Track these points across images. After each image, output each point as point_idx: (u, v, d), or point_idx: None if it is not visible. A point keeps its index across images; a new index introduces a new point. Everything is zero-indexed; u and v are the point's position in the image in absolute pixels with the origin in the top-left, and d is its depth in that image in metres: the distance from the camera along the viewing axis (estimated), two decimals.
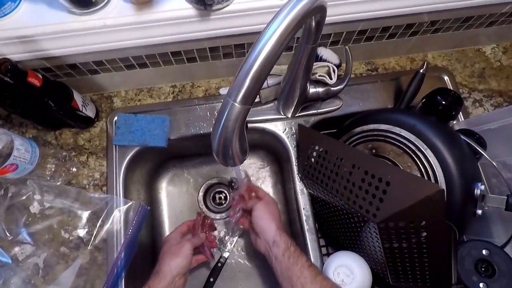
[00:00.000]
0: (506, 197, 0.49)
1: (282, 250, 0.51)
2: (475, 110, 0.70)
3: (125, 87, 0.70)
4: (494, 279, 0.49)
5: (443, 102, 0.60)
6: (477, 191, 0.51)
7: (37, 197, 0.57)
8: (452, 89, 0.69)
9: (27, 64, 0.53)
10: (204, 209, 0.81)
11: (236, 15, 0.51)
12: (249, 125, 0.68)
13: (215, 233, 0.71)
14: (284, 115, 0.67)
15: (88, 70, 0.61)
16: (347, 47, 0.55)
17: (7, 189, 0.56)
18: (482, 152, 0.55)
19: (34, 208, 0.57)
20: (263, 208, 0.57)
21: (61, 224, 0.59)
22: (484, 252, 0.50)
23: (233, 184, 0.81)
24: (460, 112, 0.68)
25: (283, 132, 0.67)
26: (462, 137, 0.56)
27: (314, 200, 0.65)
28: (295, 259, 0.50)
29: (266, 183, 0.82)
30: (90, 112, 0.64)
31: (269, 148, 0.80)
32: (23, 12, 0.49)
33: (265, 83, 0.65)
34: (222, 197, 0.83)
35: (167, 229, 0.79)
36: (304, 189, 0.64)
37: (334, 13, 0.53)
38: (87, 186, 0.63)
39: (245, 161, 0.81)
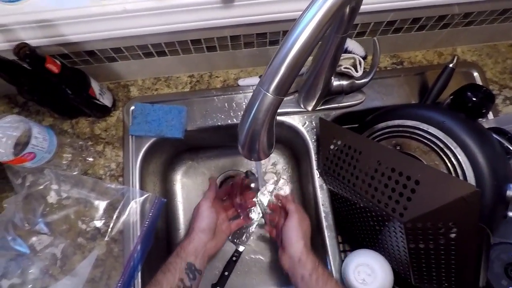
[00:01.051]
0: None
1: (309, 271, 0.49)
2: (506, 108, 0.67)
3: (142, 76, 0.68)
4: None
5: (474, 99, 0.57)
6: (509, 192, 0.49)
7: (54, 186, 0.57)
8: (483, 85, 0.66)
9: (45, 49, 0.52)
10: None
11: (260, 2, 0.49)
12: None
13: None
14: (305, 108, 0.65)
15: (106, 58, 0.59)
16: (375, 38, 0.53)
17: (25, 178, 0.56)
18: None
19: (52, 198, 0.57)
20: (296, 221, 0.55)
21: (78, 215, 0.58)
22: None
23: (249, 177, 0.80)
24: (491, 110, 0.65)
25: (302, 126, 0.65)
26: (493, 135, 0.54)
27: (333, 197, 0.63)
28: (324, 282, 0.48)
29: (283, 178, 0.80)
30: (107, 100, 0.63)
31: (287, 142, 0.78)
32: None
33: None
34: None
35: (181, 222, 0.79)
36: (324, 185, 0.62)
37: (364, 2, 0.50)
38: (103, 177, 0.63)
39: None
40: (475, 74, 0.68)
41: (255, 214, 0.76)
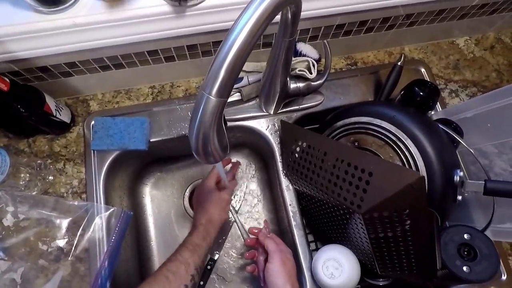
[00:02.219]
0: (483, 182, 0.50)
1: None
2: (452, 100, 0.72)
3: (102, 89, 0.67)
4: (476, 262, 0.50)
5: (421, 93, 0.62)
6: (457, 178, 0.52)
7: (10, 208, 0.54)
8: (429, 80, 0.71)
9: None
10: (190, 211, 0.79)
11: (212, 11, 0.50)
12: (232, 123, 0.67)
13: None
14: (267, 112, 0.66)
15: (61, 73, 0.58)
16: (325, 41, 0.56)
17: None
18: (460, 140, 0.56)
19: (8, 220, 0.54)
20: (278, 263, 0.52)
21: (39, 236, 0.56)
22: (465, 236, 0.51)
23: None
24: (438, 103, 0.70)
25: (266, 129, 0.67)
26: (440, 126, 0.58)
27: (300, 196, 0.64)
28: None
29: (252, 182, 0.81)
30: (65, 116, 0.62)
31: (253, 146, 0.79)
32: None
33: (246, 80, 0.64)
34: None
35: (153, 235, 0.77)
36: (290, 185, 0.64)
37: (311, 8, 0.53)
38: (65, 195, 0.61)
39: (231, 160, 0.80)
40: (422, 70, 0.73)
41: (229, 214, 0.76)
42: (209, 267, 0.72)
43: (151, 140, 0.65)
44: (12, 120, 0.56)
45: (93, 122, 0.64)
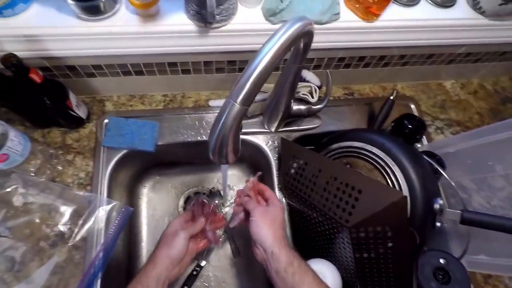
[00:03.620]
0: (460, 211, 0.56)
1: (284, 265, 0.47)
2: (437, 136, 0.79)
3: (118, 92, 0.72)
4: (449, 286, 0.54)
5: (409, 126, 0.68)
6: (437, 205, 0.57)
7: (21, 190, 0.57)
8: (417, 115, 0.78)
9: (27, 61, 0.56)
10: None
11: (232, 34, 0.57)
12: None
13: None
14: (268, 129, 0.72)
15: (85, 73, 0.64)
16: (328, 71, 0.62)
17: None
18: (442, 171, 0.62)
19: (18, 201, 0.57)
20: (261, 214, 0.52)
21: (43, 220, 0.59)
22: (441, 260, 0.56)
23: (213, 196, 0.84)
24: (424, 137, 0.77)
25: (266, 145, 0.72)
26: (424, 157, 0.64)
27: (292, 211, 0.69)
28: (300, 276, 0.46)
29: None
30: (82, 113, 0.66)
31: (251, 160, 0.84)
32: (33, 13, 0.52)
33: None
34: None
35: (144, 235, 0.80)
36: (283, 199, 0.68)
37: (318, 40, 0.60)
38: (71, 185, 0.64)
39: (229, 173, 0.85)
40: (412, 106, 0.80)
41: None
42: (194, 272, 0.74)
43: (158, 144, 0.69)
44: (35, 110, 0.60)
45: (106, 121, 0.69)
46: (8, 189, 0.56)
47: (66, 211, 0.60)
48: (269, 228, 0.51)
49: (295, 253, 0.49)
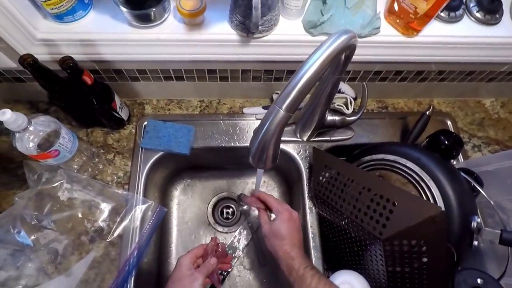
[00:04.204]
0: (499, 231, 0.54)
1: (302, 265, 0.49)
2: (474, 154, 0.76)
3: (158, 96, 0.76)
4: None
5: (446, 142, 0.67)
6: (474, 224, 0.56)
7: (67, 185, 0.61)
8: (454, 132, 0.76)
9: (80, 64, 0.60)
10: (212, 221, 0.84)
11: (272, 45, 0.58)
12: None
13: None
14: (300, 138, 0.73)
15: (130, 77, 0.67)
16: (364, 83, 0.63)
17: (41, 175, 0.60)
18: (480, 189, 0.60)
19: (63, 195, 0.61)
20: (289, 219, 0.54)
21: (84, 215, 0.62)
22: (479, 281, 0.54)
23: (241, 200, 0.85)
24: (460, 154, 0.75)
25: (297, 154, 0.73)
26: (462, 174, 0.62)
27: (321, 220, 0.68)
28: (318, 280, 0.47)
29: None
30: (124, 114, 0.70)
31: (280, 169, 0.85)
32: (91, 19, 0.56)
33: None
34: (230, 212, 0.87)
35: (174, 238, 0.82)
36: (313, 208, 0.68)
37: (357, 53, 0.61)
38: (110, 183, 0.67)
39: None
40: (448, 122, 0.78)
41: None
42: (221, 277, 0.75)
43: (193, 147, 0.71)
44: (82, 110, 0.64)
45: (145, 123, 0.72)
46: (55, 184, 0.60)
47: (106, 208, 0.63)
48: (296, 232, 0.53)
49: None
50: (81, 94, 0.59)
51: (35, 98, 0.74)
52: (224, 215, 0.86)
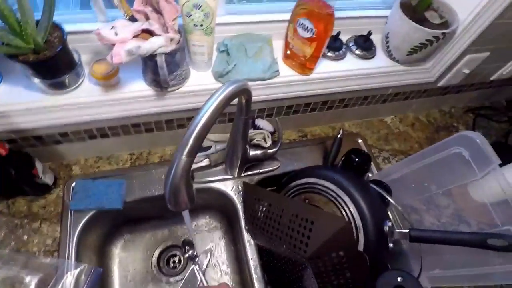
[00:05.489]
0: (408, 230, 0.62)
1: None
2: (385, 165, 0.87)
3: (85, 155, 0.76)
4: None
5: (356, 159, 0.76)
6: (386, 228, 0.63)
7: None
8: (363, 149, 0.87)
9: None
10: (158, 273, 0.82)
11: (187, 95, 0.64)
12: (201, 185, 0.76)
13: None
14: (231, 175, 0.77)
15: (52, 141, 0.67)
16: (276, 118, 0.71)
17: None
18: (387, 197, 0.69)
19: None
20: None
21: None
22: (399, 279, 0.60)
23: (186, 247, 0.85)
24: (374, 167, 0.85)
25: (231, 190, 0.77)
26: (372, 186, 0.71)
27: (261, 251, 0.71)
28: None
29: (218, 242, 0.87)
30: (48, 179, 0.68)
31: (219, 207, 0.87)
32: (2, 92, 0.57)
33: (214, 148, 0.76)
34: (176, 260, 0.85)
35: None
36: (251, 240, 0.71)
37: (264, 93, 0.69)
38: (37, 253, 0.64)
39: (198, 222, 0.87)
40: (360, 141, 0.89)
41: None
42: None
43: (126, 201, 0.72)
44: (0, 182, 0.62)
45: (73, 184, 0.71)
46: None
47: (32, 281, 0.59)
48: None
49: None
50: None
51: None
52: (171, 264, 0.85)
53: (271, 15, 0.70)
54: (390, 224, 0.64)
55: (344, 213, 0.65)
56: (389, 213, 0.72)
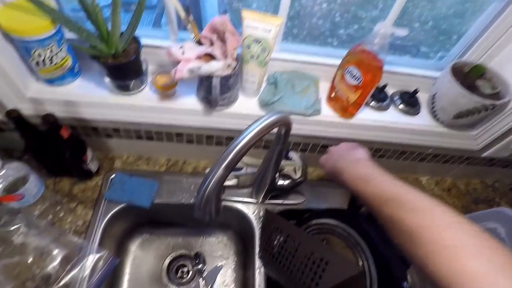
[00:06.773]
0: None
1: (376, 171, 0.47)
2: None
3: (128, 152, 0.83)
4: None
5: None
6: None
7: (23, 230, 0.63)
8: None
9: (61, 120, 0.68)
10: (165, 280, 0.84)
11: (231, 116, 0.69)
12: (226, 203, 0.79)
13: None
14: (255, 199, 0.79)
15: (105, 134, 0.75)
16: (301, 154, 0.73)
17: (0, 217, 0.62)
18: None
19: (19, 239, 0.62)
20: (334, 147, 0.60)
21: (35, 261, 0.62)
22: None
23: (198, 260, 0.87)
24: None
25: (252, 214, 0.78)
26: None
27: (269, 281, 0.71)
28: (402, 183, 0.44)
29: (229, 262, 0.88)
30: (93, 167, 0.76)
31: (237, 227, 0.89)
32: (77, 85, 0.66)
33: (244, 170, 0.79)
34: (185, 271, 0.87)
35: None
36: (262, 268, 0.71)
37: (304, 129, 0.72)
38: (67, 231, 0.69)
39: (214, 239, 0.89)
40: None
41: None
42: None
43: (154, 202, 0.76)
44: (55, 160, 0.70)
45: (113, 176, 0.78)
46: (12, 228, 0.62)
47: (58, 255, 0.64)
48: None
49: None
50: (56, 146, 0.65)
51: (11, 146, 0.79)
52: (179, 274, 0.86)
53: (321, 58, 0.74)
54: (407, 286, 0.61)
55: (361, 263, 0.64)
56: (408, 275, 0.69)
